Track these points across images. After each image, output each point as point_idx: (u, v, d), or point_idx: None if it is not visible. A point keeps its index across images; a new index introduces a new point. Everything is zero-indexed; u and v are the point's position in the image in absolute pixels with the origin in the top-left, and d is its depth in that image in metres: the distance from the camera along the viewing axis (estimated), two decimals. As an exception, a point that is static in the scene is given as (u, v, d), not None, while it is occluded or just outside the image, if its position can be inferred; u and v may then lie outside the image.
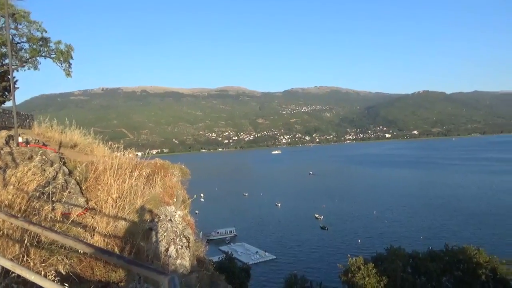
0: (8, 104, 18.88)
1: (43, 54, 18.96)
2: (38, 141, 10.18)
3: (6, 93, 18.86)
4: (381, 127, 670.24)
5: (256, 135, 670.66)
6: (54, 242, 4.08)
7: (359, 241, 71.29)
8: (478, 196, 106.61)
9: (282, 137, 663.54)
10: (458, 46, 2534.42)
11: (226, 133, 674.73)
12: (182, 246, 6.37)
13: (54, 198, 5.64)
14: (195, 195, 15.22)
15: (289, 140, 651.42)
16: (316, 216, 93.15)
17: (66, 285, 2.94)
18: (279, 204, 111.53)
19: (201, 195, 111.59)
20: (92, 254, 3.32)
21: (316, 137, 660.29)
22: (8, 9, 14.29)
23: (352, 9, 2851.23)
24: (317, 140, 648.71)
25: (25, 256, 3.81)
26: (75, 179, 7.27)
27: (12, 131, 9.38)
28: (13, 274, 3.19)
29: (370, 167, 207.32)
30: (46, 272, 3.52)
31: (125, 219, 6.04)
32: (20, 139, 8.96)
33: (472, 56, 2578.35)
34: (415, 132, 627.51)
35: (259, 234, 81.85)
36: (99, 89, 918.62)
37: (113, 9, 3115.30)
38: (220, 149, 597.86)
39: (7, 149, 7.31)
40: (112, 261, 3.40)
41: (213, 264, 10.51)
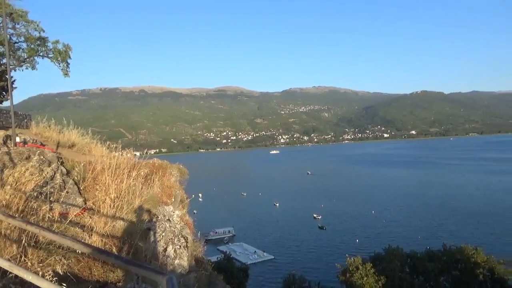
0: (6, 104, 18.83)
1: (41, 54, 18.90)
2: (36, 141, 10.15)
3: (4, 93, 18.77)
4: (379, 127, 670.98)
5: (255, 135, 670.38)
6: (52, 242, 4.07)
7: (357, 241, 71.49)
8: (476, 196, 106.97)
9: (281, 137, 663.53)
10: (456, 47, 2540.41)
11: (225, 133, 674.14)
12: (180, 246, 6.37)
13: (52, 198, 5.62)
14: (193, 195, 15.21)
15: (288, 140, 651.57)
16: (314, 216, 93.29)
17: (64, 285, 2.93)
18: (277, 204, 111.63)
19: (200, 195, 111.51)
20: (90, 254, 3.32)
21: (315, 137, 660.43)
22: (6, 9, 14.24)
23: (350, 9, 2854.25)
24: (315, 140, 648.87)
25: (23, 257, 3.80)
26: (73, 179, 7.25)
27: (10, 131, 9.36)
28: (11, 275, 3.18)
29: (368, 167, 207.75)
30: (44, 273, 3.51)
31: (123, 219, 6.02)
32: (18, 139, 8.93)
33: (470, 57, 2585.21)
34: (413, 132, 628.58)
35: (257, 234, 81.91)
36: (97, 89, 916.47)
37: (111, 9, 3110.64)
38: (219, 149, 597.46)
39: (5, 149, 7.29)
40: (110, 261, 3.40)
41: (211, 264, 10.50)
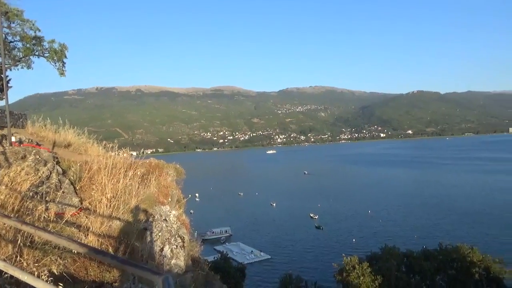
0: (1, 103, 18.62)
1: (37, 53, 18.78)
2: (32, 141, 10.10)
3: (-1, 92, 18.67)
4: (376, 127, 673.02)
5: (251, 135, 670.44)
6: (48, 242, 4.05)
7: (354, 240, 71.61)
8: (472, 196, 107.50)
9: (277, 137, 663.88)
10: (452, 47, 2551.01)
11: (221, 133, 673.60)
12: (177, 246, 6.36)
13: (48, 198, 5.60)
14: (190, 195, 15.18)
15: (284, 140, 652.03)
16: (311, 216, 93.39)
17: (61, 285, 2.92)
18: (274, 204, 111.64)
19: (196, 195, 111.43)
20: (86, 254, 3.30)
21: (311, 137, 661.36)
22: (1, 8, 14.18)
23: (348, 9, 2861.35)
24: (312, 140, 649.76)
25: (18, 257, 3.78)
26: (69, 179, 7.22)
27: (5, 131, 9.30)
28: (6, 275, 3.17)
29: (365, 167, 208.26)
30: (40, 273, 3.50)
31: (120, 219, 6.01)
32: (13, 139, 8.89)
33: (466, 57, 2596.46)
34: (410, 132, 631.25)
35: (254, 234, 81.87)
36: (94, 89, 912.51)
37: (108, 8, 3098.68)
38: (215, 149, 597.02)
39: (0, 149, 7.25)
40: (106, 261, 3.39)
41: (208, 264, 10.49)
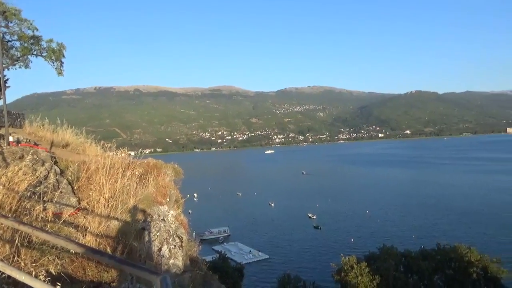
0: (-1, 103, 18.65)
1: (35, 53, 18.72)
2: (29, 141, 10.07)
3: (-3, 92, 18.61)
4: (374, 127, 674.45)
5: (250, 135, 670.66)
6: (45, 242, 4.04)
7: (352, 240, 71.68)
8: (470, 196, 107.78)
9: (276, 137, 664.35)
10: (451, 47, 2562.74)
11: (220, 133, 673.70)
12: (175, 246, 6.35)
13: (46, 198, 5.58)
14: (188, 195, 15.18)
15: (283, 140, 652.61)
16: (309, 216, 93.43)
17: (59, 285, 2.91)
18: (273, 204, 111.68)
19: (195, 195, 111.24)
20: (84, 254, 3.30)
21: (310, 137, 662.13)
22: (-1, 7, 14.14)
23: (347, 10, 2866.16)
24: (311, 140, 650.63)
25: (16, 257, 3.77)
26: (67, 179, 7.20)
27: (3, 130, 9.27)
28: (4, 275, 3.16)
29: (363, 167, 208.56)
30: (37, 273, 3.49)
31: (118, 219, 5.99)
32: (11, 138, 8.86)
33: (464, 57, 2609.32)
34: (408, 132, 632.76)
35: (253, 234, 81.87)
36: (92, 88, 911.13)
37: (106, 8, 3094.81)
38: (214, 149, 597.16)
39: (-2, 149, 7.21)
40: (104, 261, 3.39)
41: (206, 264, 10.50)
